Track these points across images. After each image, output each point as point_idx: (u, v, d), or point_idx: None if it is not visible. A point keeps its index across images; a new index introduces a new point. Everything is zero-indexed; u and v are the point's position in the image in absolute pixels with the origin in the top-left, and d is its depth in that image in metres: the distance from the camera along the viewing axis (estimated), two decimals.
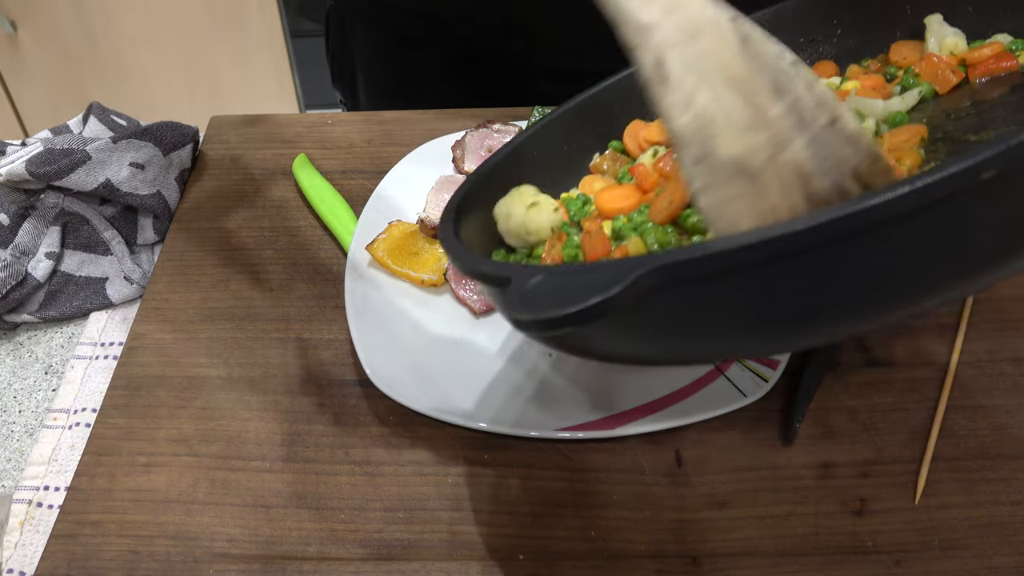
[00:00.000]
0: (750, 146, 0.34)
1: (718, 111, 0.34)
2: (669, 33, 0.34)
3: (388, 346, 0.55)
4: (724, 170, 0.34)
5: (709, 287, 0.32)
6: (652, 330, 0.35)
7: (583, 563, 0.48)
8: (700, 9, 0.34)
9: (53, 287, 0.62)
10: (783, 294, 0.32)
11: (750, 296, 0.32)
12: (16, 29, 1.77)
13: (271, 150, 0.72)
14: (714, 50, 0.34)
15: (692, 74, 0.34)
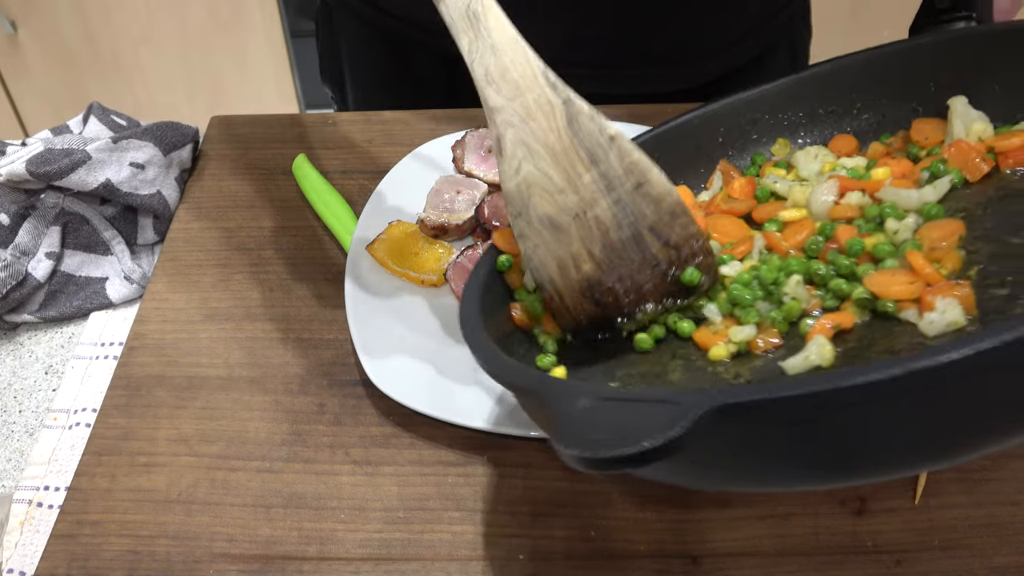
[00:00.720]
0: (560, 206, 0.44)
1: (536, 178, 0.44)
2: (509, 115, 0.43)
3: (388, 346, 0.55)
4: (537, 223, 0.44)
5: (768, 429, 0.32)
6: (704, 465, 0.35)
7: (583, 563, 0.48)
8: (538, 95, 0.43)
9: (53, 287, 0.62)
10: (847, 438, 0.32)
11: (810, 439, 0.32)
12: (16, 29, 1.77)
13: (271, 150, 0.72)
14: (543, 128, 0.44)
15: (521, 148, 0.43)
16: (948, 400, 0.30)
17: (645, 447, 0.30)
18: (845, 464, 0.33)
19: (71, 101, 1.87)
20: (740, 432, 0.32)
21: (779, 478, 0.35)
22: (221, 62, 1.83)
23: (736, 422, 0.31)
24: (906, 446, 0.32)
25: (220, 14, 1.76)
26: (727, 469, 0.35)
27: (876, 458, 0.32)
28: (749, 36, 0.77)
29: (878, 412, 0.30)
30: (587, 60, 0.75)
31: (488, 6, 0.44)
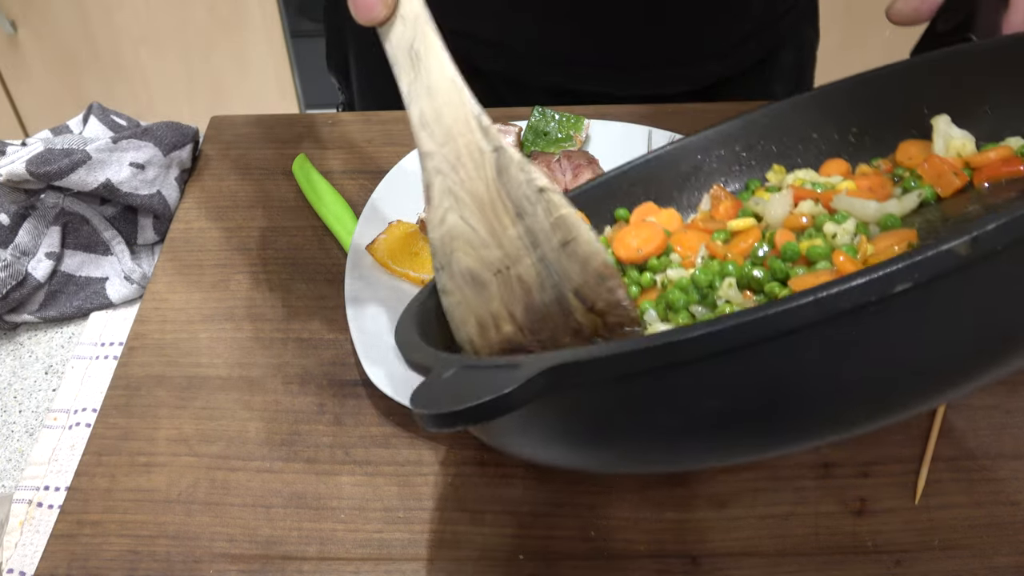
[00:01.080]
0: (483, 260, 0.42)
1: (461, 230, 0.42)
2: (439, 161, 0.42)
3: (388, 346, 0.55)
4: (460, 277, 0.42)
5: (607, 390, 0.31)
6: (562, 433, 0.34)
7: (583, 563, 0.48)
8: (468, 141, 0.42)
9: (53, 287, 0.62)
10: (680, 403, 0.31)
11: (648, 403, 0.31)
12: (16, 29, 1.77)
13: (271, 150, 0.72)
14: (471, 177, 0.42)
15: (448, 197, 0.42)
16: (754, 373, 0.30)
17: (475, 403, 0.31)
18: (681, 435, 0.32)
19: (71, 101, 1.87)
20: (579, 395, 0.32)
21: (621, 448, 0.34)
22: (221, 62, 1.83)
23: (570, 382, 0.31)
24: (738, 422, 0.31)
25: (220, 14, 1.76)
26: (579, 436, 0.34)
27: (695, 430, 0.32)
28: (753, 38, 0.77)
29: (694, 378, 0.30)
30: (590, 60, 0.75)
31: (430, 45, 0.42)
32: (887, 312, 0.28)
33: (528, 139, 0.67)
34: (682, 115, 0.71)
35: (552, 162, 0.64)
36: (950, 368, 0.30)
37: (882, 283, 0.27)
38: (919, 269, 0.27)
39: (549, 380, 0.30)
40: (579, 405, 0.33)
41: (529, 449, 0.37)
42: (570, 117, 0.68)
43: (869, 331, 0.28)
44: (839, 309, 0.27)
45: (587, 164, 0.64)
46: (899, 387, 0.30)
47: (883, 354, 0.29)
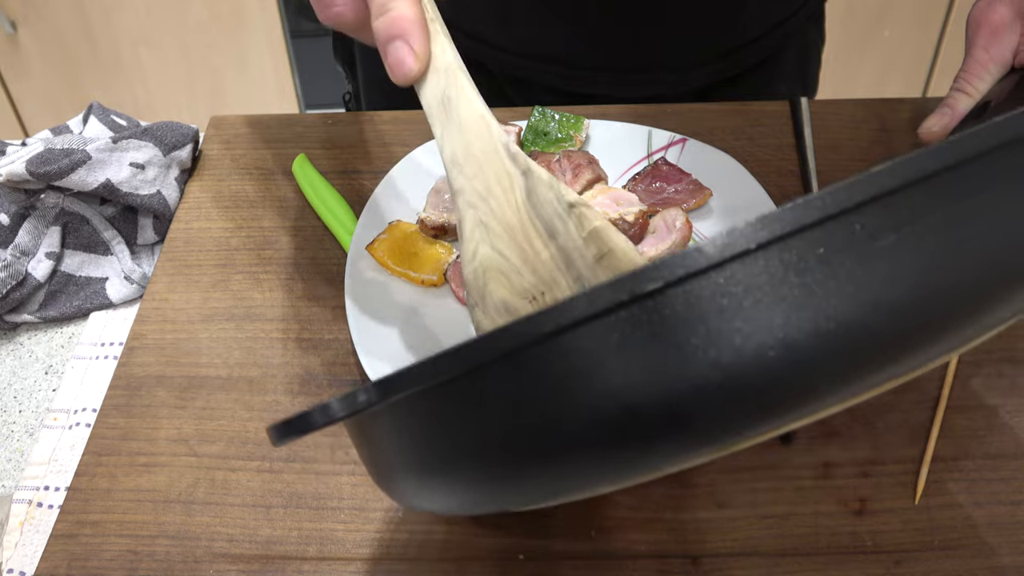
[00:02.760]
0: (516, 289, 0.42)
1: (493, 261, 0.42)
2: (470, 195, 0.42)
3: (388, 346, 0.55)
4: (494, 310, 0.42)
5: (445, 402, 0.31)
6: (422, 457, 0.34)
7: (583, 563, 0.48)
8: (497, 168, 0.42)
9: (53, 287, 0.62)
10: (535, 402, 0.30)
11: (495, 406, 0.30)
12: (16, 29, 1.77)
13: (271, 150, 0.72)
14: (500, 204, 0.42)
15: (480, 229, 0.42)
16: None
17: (301, 413, 0.31)
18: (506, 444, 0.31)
19: (71, 101, 1.87)
20: (412, 409, 0.32)
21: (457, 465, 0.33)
22: (221, 62, 1.83)
23: (393, 392, 0.31)
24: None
25: (220, 14, 1.76)
26: (434, 454, 0.33)
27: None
28: (755, 41, 0.77)
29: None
30: (593, 64, 0.75)
31: (461, 88, 0.43)
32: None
33: (528, 139, 0.67)
34: (682, 115, 0.71)
35: (552, 162, 0.64)
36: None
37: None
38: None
39: (370, 393, 0.31)
40: (426, 424, 0.32)
41: (411, 487, 0.36)
42: (570, 117, 0.68)
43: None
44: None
45: (587, 164, 0.64)
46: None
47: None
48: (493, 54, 0.76)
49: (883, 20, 1.73)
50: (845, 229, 0.26)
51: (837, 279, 0.26)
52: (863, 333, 0.27)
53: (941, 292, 0.27)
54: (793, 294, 0.26)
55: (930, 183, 0.27)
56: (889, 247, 0.27)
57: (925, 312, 0.27)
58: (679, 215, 0.59)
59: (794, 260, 0.26)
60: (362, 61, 0.87)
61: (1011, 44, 0.60)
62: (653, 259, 0.47)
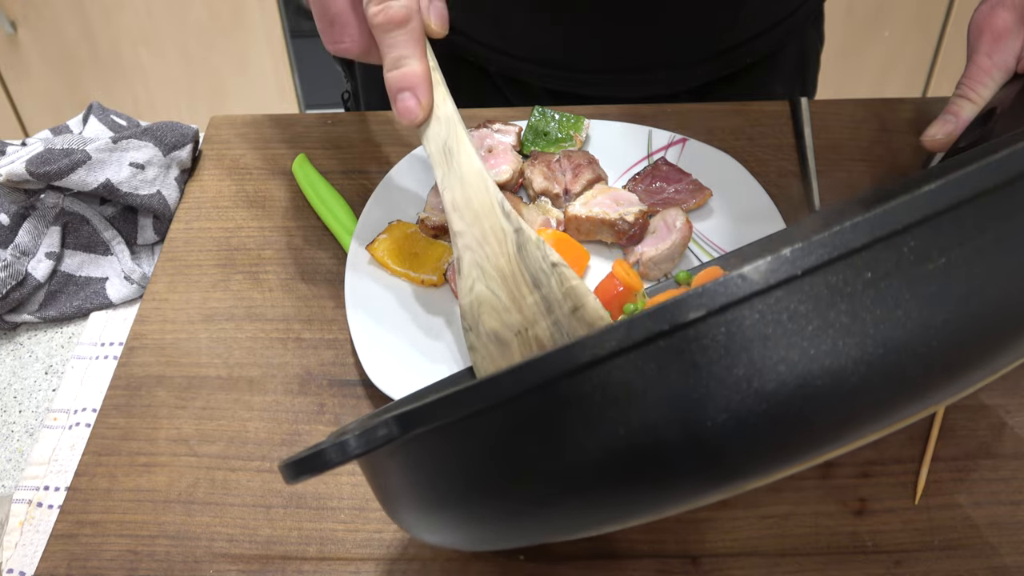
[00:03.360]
0: (504, 323, 0.48)
1: (487, 297, 0.48)
2: (468, 239, 0.48)
3: (388, 346, 0.55)
4: (484, 338, 0.48)
5: (461, 436, 0.31)
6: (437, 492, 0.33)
7: (583, 563, 0.48)
8: (493, 223, 0.48)
9: (53, 287, 0.62)
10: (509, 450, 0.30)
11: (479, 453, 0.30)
12: (16, 29, 1.77)
13: (271, 150, 0.72)
14: (495, 253, 0.48)
15: (475, 269, 0.48)
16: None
17: (314, 450, 0.31)
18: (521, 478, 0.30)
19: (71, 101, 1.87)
20: (427, 444, 0.31)
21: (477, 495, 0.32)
22: (221, 62, 1.83)
23: (407, 428, 0.30)
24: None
25: (220, 15, 1.76)
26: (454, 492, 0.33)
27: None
28: (754, 40, 0.77)
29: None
30: (591, 66, 0.75)
31: (460, 141, 0.49)
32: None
33: (528, 139, 0.67)
34: (682, 115, 0.71)
35: (552, 162, 0.64)
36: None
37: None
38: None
39: (391, 428, 0.30)
40: (441, 458, 0.32)
41: (425, 523, 0.36)
42: (570, 117, 0.68)
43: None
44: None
45: (587, 164, 0.64)
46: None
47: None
48: (492, 56, 0.76)
49: (883, 20, 1.73)
50: (893, 252, 0.26)
51: (885, 304, 0.26)
52: (911, 358, 0.26)
53: (991, 314, 0.27)
54: (840, 320, 0.26)
55: (979, 203, 0.26)
56: (938, 270, 0.26)
57: (975, 335, 0.27)
58: (679, 215, 0.59)
59: (840, 285, 0.26)
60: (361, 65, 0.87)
61: (1014, 50, 0.60)
62: (624, 309, 0.53)
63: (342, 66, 0.90)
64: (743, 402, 0.26)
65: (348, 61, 0.88)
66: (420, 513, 0.35)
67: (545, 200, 0.63)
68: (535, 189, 0.63)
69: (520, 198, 0.64)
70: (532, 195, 0.63)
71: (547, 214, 0.62)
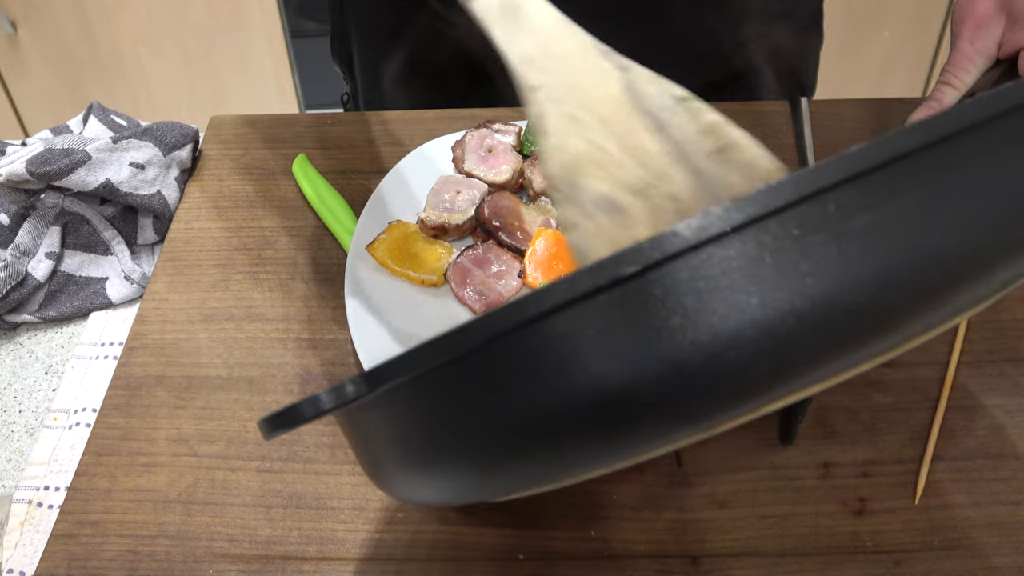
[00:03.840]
0: (619, 182, 0.37)
1: (587, 153, 0.37)
2: (551, 91, 0.39)
3: (388, 346, 0.55)
4: (591, 206, 0.37)
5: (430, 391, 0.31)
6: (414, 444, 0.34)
7: (583, 563, 0.48)
8: (587, 66, 0.39)
9: (53, 287, 0.62)
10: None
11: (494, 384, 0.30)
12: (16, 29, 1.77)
13: (271, 150, 0.72)
14: (594, 99, 0.38)
15: (568, 123, 0.38)
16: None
17: (288, 406, 0.32)
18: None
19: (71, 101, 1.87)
20: (398, 400, 0.32)
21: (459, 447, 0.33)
22: (221, 62, 1.83)
23: (378, 384, 0.31)
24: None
25: (220, 15, 1.76)
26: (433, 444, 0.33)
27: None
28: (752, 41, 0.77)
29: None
30: None
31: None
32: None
33: (528, 139, 0.67)
34: None
35: None
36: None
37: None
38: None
39: (362, 383, 0.31)
40: (413, 415, 0.33)
41: (410, 482, 0.36)
42: None
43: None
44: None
45: None
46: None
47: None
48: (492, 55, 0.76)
49: (883, 20, 1.73)
50: (820, 209, 0.27)
51: (811, 259, 0.27)
52: (838, 312, 0.27)
53: (914, 270, 0.28)
54: (769, 275, 0.27)
55: (903, 163, 0.27)
56: (864, 226, 0.27)
57: (899, 290, 0.28)
58: None
59: (769, 241, 0.27)
60: (360, 61, 0.87)
61: (995, 36, 0.60)
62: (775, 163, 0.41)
63: (342, 67, 0.90)
64: (680, 353, 0.27)
65: (348, 62, 0.88)
66: (395, 469, 0.35)
67: (545, 200, 0.63)
68: (535, 189, 0.63)
69: (520, 198, 0.64)
70: (532, 195, 0.64)
71: (547, 214, 0.62)
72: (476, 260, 0.59)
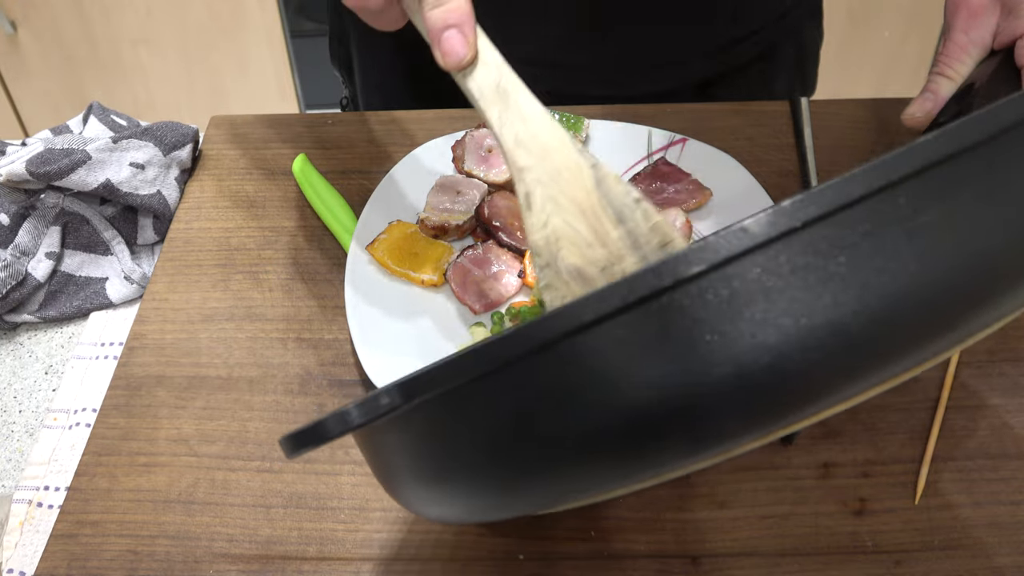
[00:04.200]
0: (587, 258, 0.44)
1: (565, 231, 0.44)
2: (539, 173, 0.44)
3: (388, 346, 0.55)
4: (565, 274, 0.44)
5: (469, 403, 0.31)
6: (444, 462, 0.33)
7: (583, 563, 0.48)
8: (566, 157, 0.44)
9: (53, 287, 0.62)
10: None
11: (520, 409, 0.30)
12: (16, 29, 1.77)
13: (271, 150, 0.72)
14: (571, 188, 0.44)
15: (550, 203, 0.44)
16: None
17: (313, 423, 0.31)
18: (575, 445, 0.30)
19: (71, 101, 1.87)
20: (430, 412, 0.31)
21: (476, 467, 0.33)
22: (221, 62, 1.83)
23: (411, 396, 0.30)
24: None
25: (220, 15, 1.76)
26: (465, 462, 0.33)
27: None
28: (752, 36, 0.77)
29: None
30: (584, 64, 0.75)
31: (515, 83, 0.46)
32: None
33: None
34: (682, 115, 0.71)
35: None
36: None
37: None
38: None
39: (394, 396, 0.30)
40: (445, 427, 0.32)
41: (435, 500, 0.36)
42: (570, 117, 0.68)
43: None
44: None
45: None
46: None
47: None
48: None
49: (883, 20, 1.73)
50: (890, 204, 0.26)
51: (883, 255, 0.26)
52: (910, 309, 0.26)
53: (985, 262, 0.27)
54: (840, 272, 0.26)
55: (972, 154, 0.27)
56: (934, 221, 0.27)
57: (969, 283, 0.27)
58: (679, 215, 0.59)
59: (839, 237, 0.26)
60: (360, 65, 0.87)
61: (990, 26, 0.60)
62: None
63: (340, 71, 0.90)
64: (747, 354, 0.26)
65: (347, 66, 0.88)
66: (422, 485, 0.35)
67: None
68: None
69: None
70: None
71: None
72: (476, 260, 0.59)
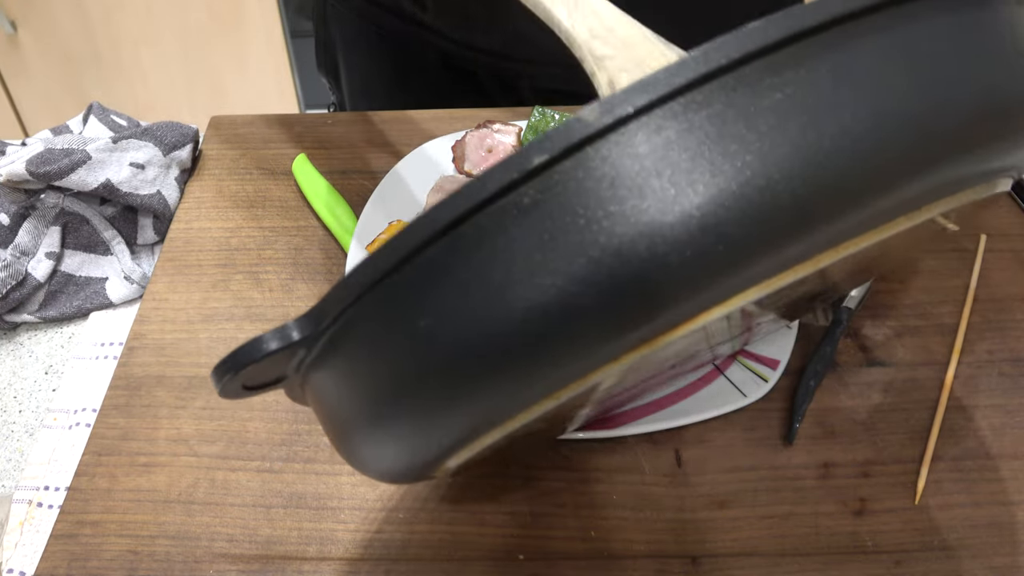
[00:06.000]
0: None
1: None
2: (621, 61, 0.43)
3: None
4: None
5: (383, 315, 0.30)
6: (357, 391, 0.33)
7: (583, 563, 0.48)
8: (648, 50, 0.43)
9: (53, 287, 0.62)
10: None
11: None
12: (16, 29, 1.77)
13: (271, 150, 0.72)
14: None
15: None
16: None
17: (235, 351, 0.31)
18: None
19: (71, 101, 1.87)
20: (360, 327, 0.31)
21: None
22: (221, 62, 1.83)
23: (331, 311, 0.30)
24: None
25: (220, 15, 1.76)
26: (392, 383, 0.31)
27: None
28: None
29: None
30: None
31: None
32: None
33: (528, 139, 0.67)
34: None
35: None
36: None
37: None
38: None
39: (319, 316, 0.30)
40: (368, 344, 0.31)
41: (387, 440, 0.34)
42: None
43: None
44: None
45: None
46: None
47: None
48: (483, 59, 0.76)
49: None
50: (723, 88, 0.26)
51: (724, 141, 0.25)
52: (777, 191, 0.25)
53: (834, 154, 0.26)
54: (684, 160, 0.25)
55: (816, 37, 0.27)
56: (777, 102, 0.26)
57: (821, 177, 0.26)
58: None
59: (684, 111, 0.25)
60: (346, 71, 0.87)
61: None
62: None
63: (327, 77, 0.90)
64: (614, 245, 0.25)
65: (334, 72, 0.89)
66: (355, 429, 0.34)
67: None
68: None
69: None
70: None
71: None
72: None
